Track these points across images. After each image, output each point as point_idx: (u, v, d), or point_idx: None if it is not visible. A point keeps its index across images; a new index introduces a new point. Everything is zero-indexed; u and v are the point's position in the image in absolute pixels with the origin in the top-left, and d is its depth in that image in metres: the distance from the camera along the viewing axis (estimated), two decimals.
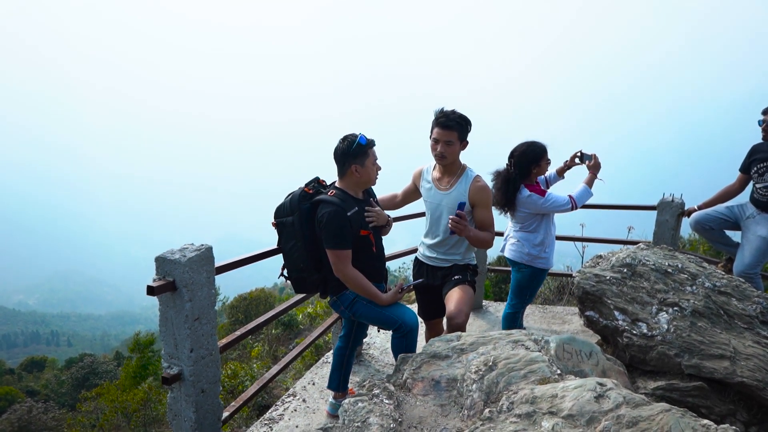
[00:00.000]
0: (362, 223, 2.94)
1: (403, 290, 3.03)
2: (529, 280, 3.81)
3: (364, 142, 2.88)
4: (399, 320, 2.91)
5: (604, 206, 5.58)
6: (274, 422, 3.53)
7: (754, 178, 4.22)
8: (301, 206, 2.91)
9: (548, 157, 3.72)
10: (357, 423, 1.91)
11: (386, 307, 2.96)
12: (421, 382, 2.19)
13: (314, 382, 4.11)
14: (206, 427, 2.60)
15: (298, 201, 2.92)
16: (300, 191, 2.98)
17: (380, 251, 3.16)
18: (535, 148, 3.65)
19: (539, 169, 3.68)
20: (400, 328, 2.91)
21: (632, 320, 2.82)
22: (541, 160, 3.66)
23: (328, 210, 2.82)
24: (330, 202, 2.85)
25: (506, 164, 3.74)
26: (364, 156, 2.90)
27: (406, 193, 3.60)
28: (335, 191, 2.93)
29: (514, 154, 3.70)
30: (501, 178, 3.71)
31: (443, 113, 3.10)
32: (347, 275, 2.87)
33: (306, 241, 2.94)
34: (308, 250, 2.95)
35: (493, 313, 5.63)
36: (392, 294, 2.97)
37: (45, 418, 11.39)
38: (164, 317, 2.46)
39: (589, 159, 3.85)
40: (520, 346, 2.25)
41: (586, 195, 3.68)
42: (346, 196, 2.94)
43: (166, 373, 2.48)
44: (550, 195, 3.62)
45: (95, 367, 15.99)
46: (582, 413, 1.70)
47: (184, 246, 2.52)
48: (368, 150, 2.91)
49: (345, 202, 2.87)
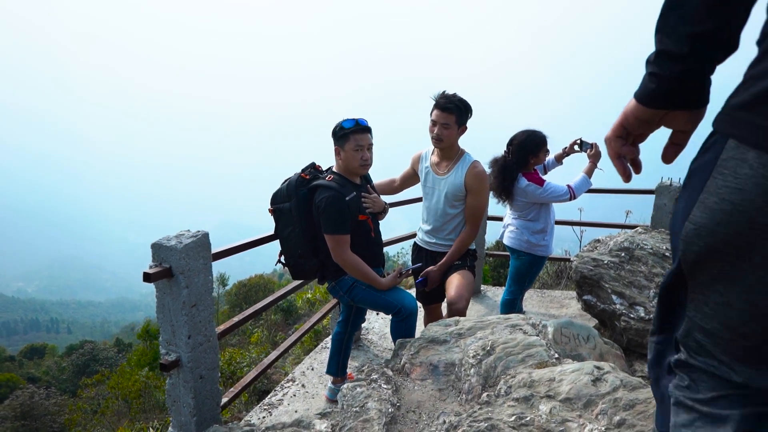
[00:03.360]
0: (360, 208, 2.93)
1: (402, 275, 3.03)
2: (528, 267, 3.80)
3: (347, 125, 2.84)
4: (398, 304, 2.91)
5: (602, 190, 5.57)
6: (274, 407, 3.55)
7: None
8: (298, 192, 2.90)
9: (547, 147, 3.67)
10: (356, 407, 1.92)
11: (385, 291, 2.96)
12: (420, 366, 2.20)
13: (313, 367, 4.13)
14: (205, 412, 2.62)
15: (295, 187, 2.90)
16: (297, 177, 2.96)
17: (378, 236, 3.15)
18: (535, 138, 3.60)
19: (537, 159, 3.63)
20: (399, 312, 2.92)
21: (630, 304, 2.83)
22: (540, 150, 3.61)
23: (326, 195, 2.81)
24: (328, 186, 2.83)
25: (504, 151, 3.71)
26: (344, 140, 2.86)
27: (404, 177, 3.58)
28: (333, 176, 2.92)
29: (512, 143, 3.65)
30: (498, 166, 3.67)
31: (444, 95, 3.06)
32: (346, 260, 2.86)
33: (303, 227, 2.92)
34: (305, 235, 2.94)
35: (492, 297, 5.65)
36: (391, 278, 2.97)
37: (47, 404, 11.47)
38: (161, 304, 2.46)
39: (590, 147, 3.75)
40: (517, 330, 2.26)
41: (585, 185, 3.64)
42: (344, 180, 2.92)
43: (164, 360, 2.48)
44: (549, 185, 3.58)
45: (96, 354, 16.08)
46: (579, 396, 1.70)
47: (181, 232, 2.50)
48: (350, 135, 2.84)
49: (343, 187, 2.85)
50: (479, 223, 3.26)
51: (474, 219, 3.22)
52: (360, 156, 2.87)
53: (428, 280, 3.24)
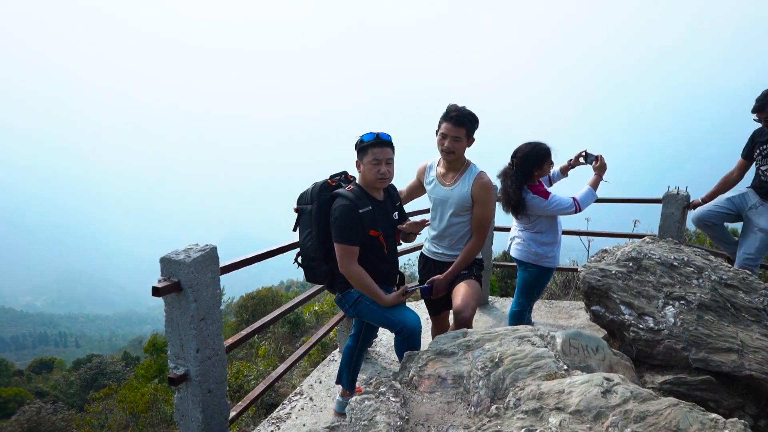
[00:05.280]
0: (374, 223, 2.93)
1: (407, 293, 3.02)
2: (536, 279, 3.80)
3: (367, 139, 2.87)
4: (400, 323, 2.90)
5: (610, 200, 5.55)
6: (282, 421, 3.54)
7: (757, 161, 4.17)
8: (320, 197, 2.95)
9: (551, 159, 3.66)
10: (364, 421, 1.91)
11: (389, 308, 2.95)
12: (428, 379, 2.19)
13: (321, 380, 4.12)
14: (213, 426, 2.61)
15: (318, 191, 2.96)
16: (323, 182, 3.03)
17: (392, 256, 3.13)
18: (539, 151, 3.58)
19: (541, 171, 3.63)
20: (401, 331, 2.90)
21: (638, 314, 2.81)
22: (544, 163, 3.60)
23: (341, 204, 2.84)
24: (344, 196, 2.86)
25: (509, 164, 3.71)
26: (363, 153, 2.89)
27: (410, 189, 3.60)
28: (353, 187, 2.95)
29: (516, 155, 3.64)
30: (506, 178, 3.68)
31: (455, 108, 3.08)
32: (351, 272, 2.87)
33: (320, 232, 2.97)
34: (320, 240, 2.98)
35: (499, 308, 5.62)
36: (395, 296, 2.96)
37: (54, 419, 11.47)
38: (170, 318, 2.47)
39: (595, 160, 3.76)
40: (526, 341, 2.24)
41: (590, 197, 3.63)
42: (362, 193, 2.94)
43: (173, 374, 2.49)
44: (554, 197, 3.57)
45: (103, 368, 16.07)
46: (589, 409, 1.69)
47: (189, 246, 2.52)
48: (368, 148, 2.87)
49: (359, 199, 2.87)
50: (486, 233, 3.26)
51: (480, 229, 3.23)
52: (377, 170, 2.88)
53: (433, 288, 3.23)
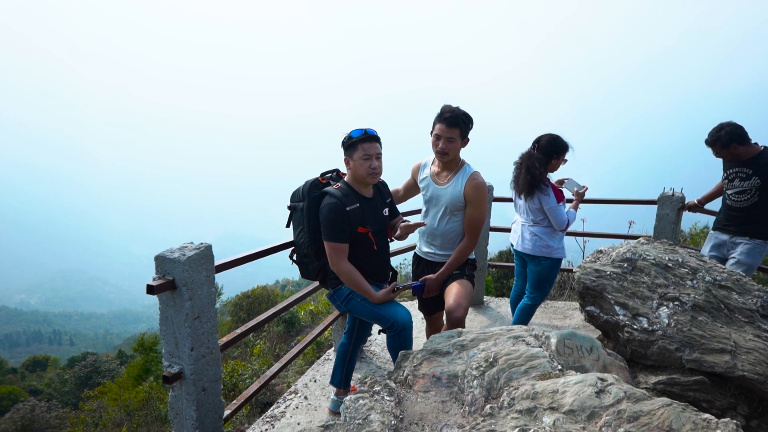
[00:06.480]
0: (361, 220, 2.93)
1: (397, 290, 3.03)
2: (549, 270, 3.95)
3: (355, 135, 2.87)
4: (391, 319, 2.91)
5: (605, 201, 5.57)
6: (276, 420, 3.54)
7: (725, 185, 4.23)
8: (311, 194, 2.97)
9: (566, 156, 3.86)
10: (358, 420, 1.91)
11: (380, 305, 2.96)
12: (422, 378, 2.19)
13: (316, 379, 4.12)
14: (208, 425, 2.61)
15: (309, 189, 2.99)
16: (314, 179, 3.05)
17: (382, 251, 3.14)
18: (562, 141, 3.83)
19: (558, 161, 3.83)
20: (392, 326, 2.91)
21: (633, 315, 2.82)
22: (562, 154, 3.83)
23: (328, 203, 2.86)
24: (332, 194, 2.88)
25: (531, 147, 3.89)
26: (353, 149, 2.89)
27: (406, 187, 3.60)
28: (341, 185, 2.95)
29: (540, 141, 3.85)
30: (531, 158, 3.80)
31: (448, 109, 3.09)
32: (341, 269, 2.89)
33: (311, 229, 2.99)
34: (312, 237, 3.01)
35: (495, 308, 5.63)
36: (385, 293, 2.96)
37: (48, 417, 11.43)
38: (164, 316, 2.46)
39: (579, 187, 4.13)
40: (520, 341, 2.25)
41: (573, 218, 3.95)
42: (350, 191, 2.94)
43: (167, 372, 2.49)
44: (561, 207, 3.80)
45: (98, 366, 16.02)
46: (583, 408, 1.70)
47: (184, 245, 2.51)
48: (358, 144, 2.87)
49: (347, 197, 2.88)
50: (478, 234, 3.27)
51: (473, 230, 3.23)
52: (368, 165, 2.89)
53: (425, 287, 3.23)
